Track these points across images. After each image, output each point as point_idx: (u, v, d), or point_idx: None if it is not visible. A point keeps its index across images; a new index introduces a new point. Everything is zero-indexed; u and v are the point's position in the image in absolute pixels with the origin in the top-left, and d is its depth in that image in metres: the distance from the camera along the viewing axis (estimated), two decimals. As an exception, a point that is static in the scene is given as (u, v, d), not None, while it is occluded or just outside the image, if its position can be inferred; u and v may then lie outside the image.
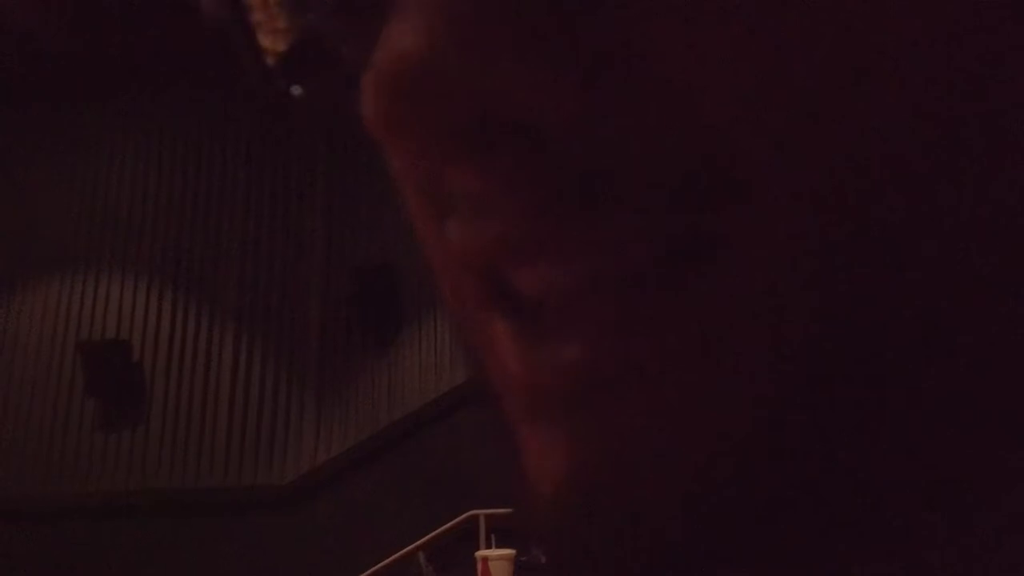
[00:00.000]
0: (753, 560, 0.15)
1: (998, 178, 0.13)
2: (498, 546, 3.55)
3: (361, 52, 0.17)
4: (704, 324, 0.14)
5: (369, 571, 5.45)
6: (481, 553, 3.06)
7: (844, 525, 0.14)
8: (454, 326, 0.19)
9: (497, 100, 0.14)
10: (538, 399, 0.16)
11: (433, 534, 5.33)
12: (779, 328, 0.14)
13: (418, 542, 5.31)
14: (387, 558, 5.41)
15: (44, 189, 6.96)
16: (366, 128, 0.17)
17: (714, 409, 0.14)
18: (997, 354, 0.14)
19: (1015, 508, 0.14)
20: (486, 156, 0.15)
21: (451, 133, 0.15)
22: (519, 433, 0.17)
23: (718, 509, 0.14)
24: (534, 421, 0.16)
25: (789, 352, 0.14)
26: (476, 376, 0.18)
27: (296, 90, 0.23)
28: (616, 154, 0.14)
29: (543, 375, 0.15)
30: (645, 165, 0.14)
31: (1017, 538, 0.14)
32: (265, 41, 0.21)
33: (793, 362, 0.14)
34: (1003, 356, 0.14)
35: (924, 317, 0.13)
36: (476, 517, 5.19)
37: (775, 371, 0.14)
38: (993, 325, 0.13)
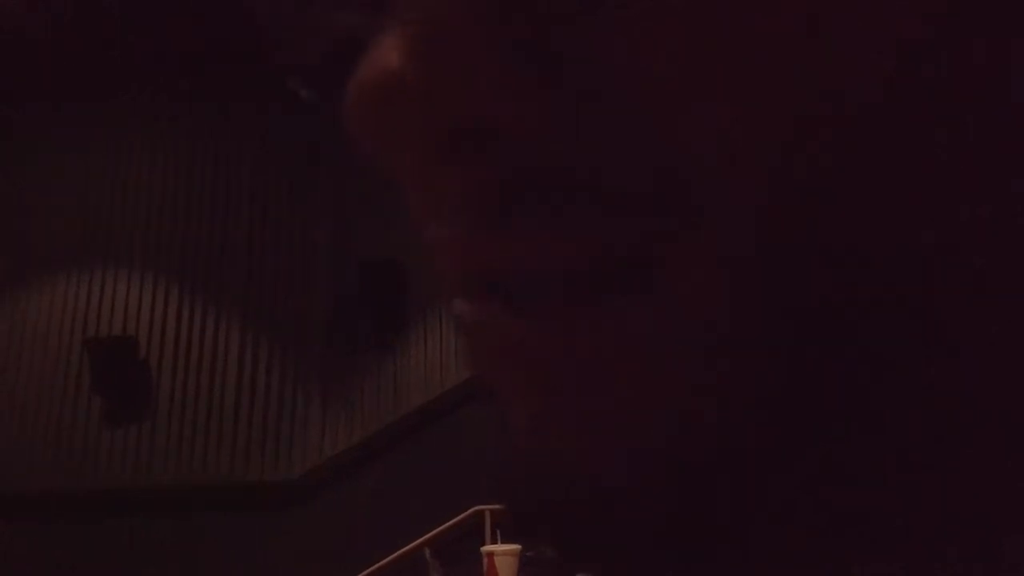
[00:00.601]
0: (753, 560, 0.15)
1: (963, 208, 0.13)
2: (504, 542, 3.55)
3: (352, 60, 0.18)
4: (651, 330, 0.15)
5: (375, 566, 5.46)
6: (487, 548, 3.06)
7: (844, 525, 0.14)
8: (452, 312, 0.20)
9: (467, 110, 0.15)
10: (516, 379, 0.17)
11: (439, 529, 5.34)
12: (729, 338, 0.14)
13: (424, 537, 5.32)
14: (393, 553, 5.42)
15: (49, 187, 6.97)
16: (348, 131, 0.17)
17: (653, 415, 0.15)
18: (991, 357, 0.14)
19: (1015, 508, 0.14)
20: (458, 161, 0.16)
21: (425, 140, 0.16)
22: (508, 409, 0.18)
23: (709, 505, 0.15)
24: (515, 397, 0.17)
25: (741, 360, 0.14)
26: (474, 367, 0.19)
27: (310, 93, 0.24)
28: (576, 161, 0.14)
29: (514, 357, 0.16)
30: (603, 173, 0.14)
31: (1017, 538, 0.14)
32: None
33: (745, 372, 0.14)
34: (996, 358, 0.14)
35: (889, 320, 0.14)
36: (482, 513, 5.20)
37: (726, 379, 0.14)
38: (968, 333, 0.14)
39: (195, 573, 6.05)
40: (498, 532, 4.44)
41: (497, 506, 5.03)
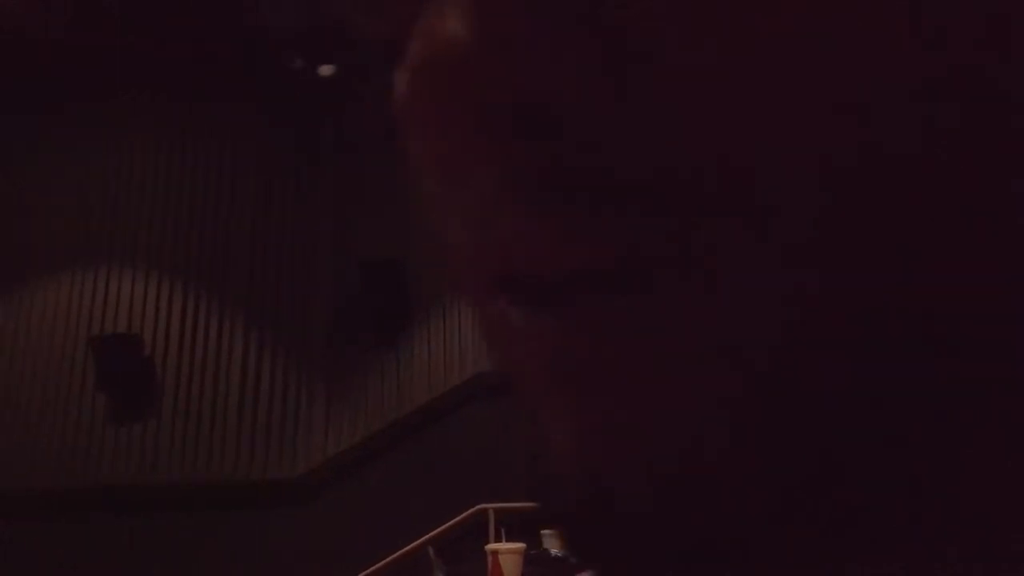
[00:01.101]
0: (754, 559, 0.15)
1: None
2: (507, 540, 3.56)
3: (394, 35, 0.17)
4: (691, 330, 0.14)
5: (378, 564, 5.47)
6: (491, 547, 3.06)
7: (844, 525, 0.14)
8: (470, 313, 0.19)
9: (524, 87, 0.14)
10: (544, 381, 0.16)
11: (442, 527, 5.34)
12: (769, 341, 0.14)
13: (428, 535, 5.32)
14: (396, 551, 5.43)
15: (53, 187, 6.99)
16: (397, 113, 0.17)
17: (694, 410, 0.15)
18: (992, 358, 0.14)
19: (1015, 508, 0.14)
20: (507, 144, 0.15)
21: (480, 119, 0.15)
22: (534, 414, 0.17)
23: (709, 507, 0.15)
24: (544, 401, 0.17)
25: (773, 363, 0.14)
26: (492, 364, 0.18)
27: (326, 69, 0.23)
28: (628, 150, 0.14)
29: (546, 358, 0.16)
30: (656, 164, 0.14)
31: (1017, 538, 0.14)
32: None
33: (775, 371, 0.14)
34: (997, 359, 0.14)
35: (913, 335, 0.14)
36: (485, 511, 5.21)
37: (754, 379, 0.14)
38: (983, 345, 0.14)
39: (199, 571, 6.07)
40: (502, 530, 4.45)
41: (501, 504, 5.04)
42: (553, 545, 3.32)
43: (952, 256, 0.13)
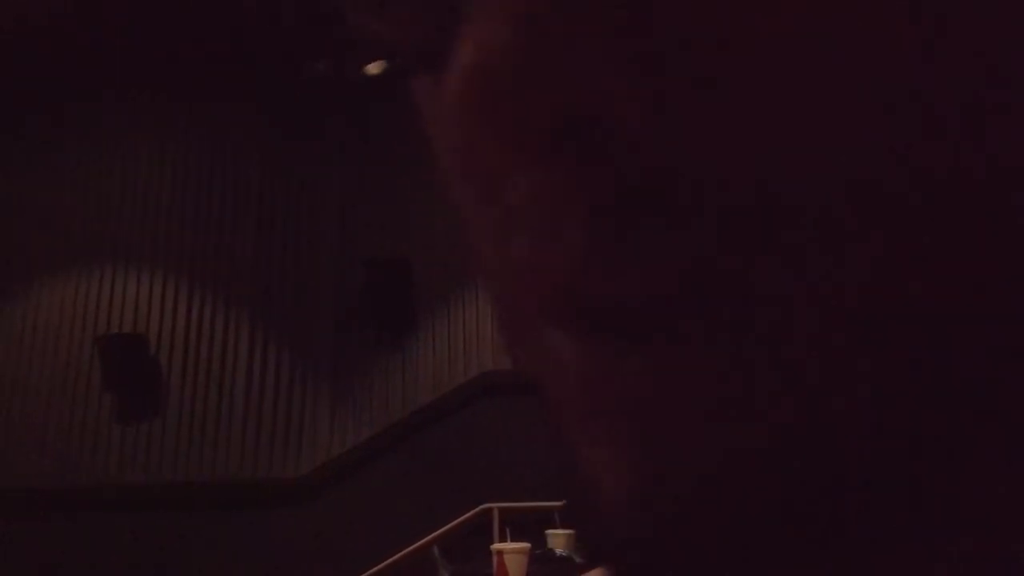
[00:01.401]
0: (754, 559, 0.15)
1: None
2: (512, 539, 3.55)
3: (393, 36, 0.17)
4: (732, 356, 0.14)
5: (383, 564, 5.48)
6: (497, 547, 3.05)
7: (845, 525, 0.14)
8: (473, 313, 0.19)
9: (575, 96, 0.14)
10: (597, 411, 0.16)
11: (447, 527, 5.35)
12: (804, 374, 0.14)
13: (432, 535, 5.33)
14: (401, 551, 5.44)
15: (60, 185, 7.00)
16: (431, 124, 0.16)
17: (734, 431, 0.15)
18: (994, 360, 0.14)
19: (1016, 508, 0.14)
20: (559, 157, 0.15)
21: (530, 131, 0.14)
22: (578, 444, 0.17)
23: (736, 517, 0.15)
24: (593, 432, 0.16)
25: (811, 393, 0.14)
26: (527, 381, 0.18)
27: (320, 66, 0.22)
28: (680, 164, 0.14)
29: (602, 387, 0.16)
30: (708, 181, 0.14)
31: (1018, 538, 0.14)
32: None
33: (813, 402, 0.14)
34: (1000, 361, 0.14)
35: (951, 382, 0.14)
36: (490, 511, 5.21)
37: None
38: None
39: (203, 571, 6.07)
40: (507, 530, 4.45)
41: (506, 504, 5.03)
42: (557, 545, 3.31)
43: (952, 256, 0.13)
